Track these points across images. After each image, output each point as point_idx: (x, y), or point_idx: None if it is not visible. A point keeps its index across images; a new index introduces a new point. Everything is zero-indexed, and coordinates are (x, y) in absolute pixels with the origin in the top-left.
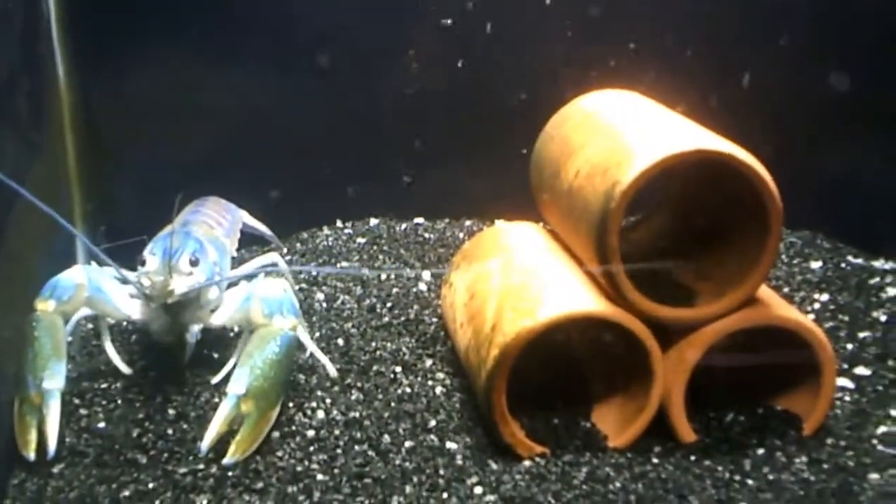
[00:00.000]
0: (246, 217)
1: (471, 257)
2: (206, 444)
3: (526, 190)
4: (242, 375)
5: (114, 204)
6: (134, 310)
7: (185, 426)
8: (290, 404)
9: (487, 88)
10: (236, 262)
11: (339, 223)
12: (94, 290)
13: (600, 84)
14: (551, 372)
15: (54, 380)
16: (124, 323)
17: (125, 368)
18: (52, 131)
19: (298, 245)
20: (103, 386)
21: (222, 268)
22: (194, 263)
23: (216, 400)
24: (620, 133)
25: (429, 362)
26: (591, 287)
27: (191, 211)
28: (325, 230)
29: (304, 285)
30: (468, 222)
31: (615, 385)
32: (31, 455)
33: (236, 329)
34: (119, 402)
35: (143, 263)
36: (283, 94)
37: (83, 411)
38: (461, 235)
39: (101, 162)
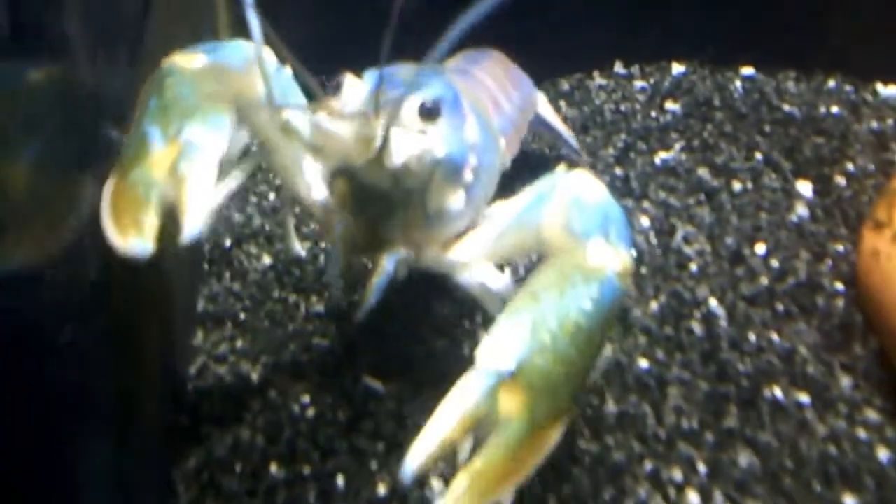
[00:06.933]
0: (542, 104)
1: None
2: (412, 464)
3: None
4: (512, 338)
5: None
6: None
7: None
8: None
9: None
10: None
11: (618, 68)
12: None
13: None
14: None
15: (204, 127)
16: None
17: (298, 249)
18: None
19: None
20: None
21: (482, 165)
22: (431, 115)
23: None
24: None
25: (846, 382)
26: None
27: (455, 68)
28: (598, 79)
29: None
30: (848, 88)
31: None
32: (132, 243)
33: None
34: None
35: (335, 89)
36: None
37: None
38: (850, 116)
39: None
